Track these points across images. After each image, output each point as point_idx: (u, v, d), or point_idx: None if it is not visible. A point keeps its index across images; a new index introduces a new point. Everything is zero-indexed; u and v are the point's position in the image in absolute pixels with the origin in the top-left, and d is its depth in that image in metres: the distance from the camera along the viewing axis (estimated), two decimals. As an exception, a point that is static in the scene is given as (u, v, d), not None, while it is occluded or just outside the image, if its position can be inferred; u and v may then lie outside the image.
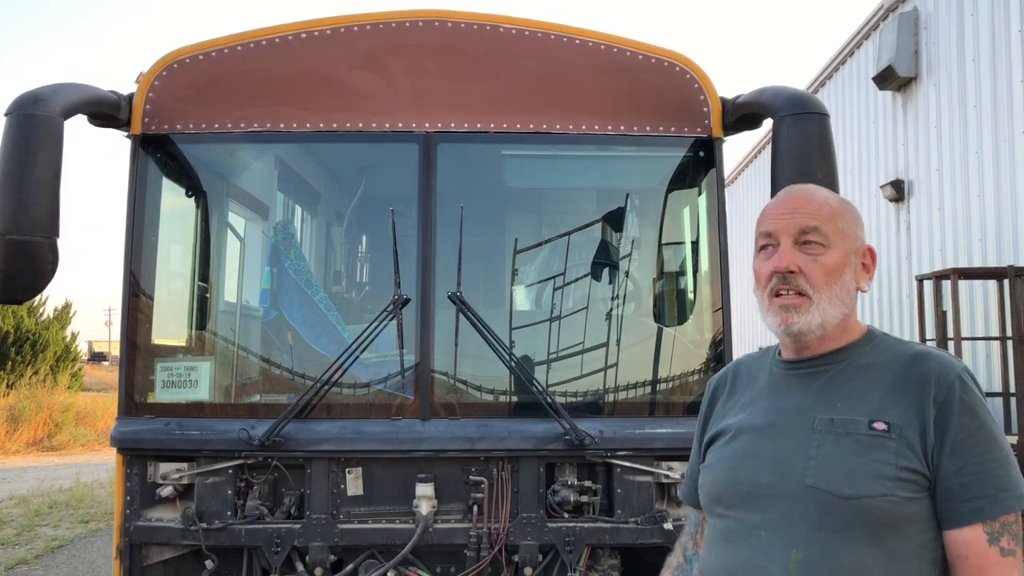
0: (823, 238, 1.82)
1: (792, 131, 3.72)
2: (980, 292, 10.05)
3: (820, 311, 1.79)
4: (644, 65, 4.27)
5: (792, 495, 1.73)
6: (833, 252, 1.82)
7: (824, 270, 1.80)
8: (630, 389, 4.29)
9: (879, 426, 1.71)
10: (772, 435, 1.83)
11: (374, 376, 4.25)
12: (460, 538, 3.92)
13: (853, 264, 1.85)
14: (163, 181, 4.32)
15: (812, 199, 1.87)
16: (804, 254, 1.82)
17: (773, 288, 1.84)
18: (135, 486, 3.98)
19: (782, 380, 1.91)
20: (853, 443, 1.71)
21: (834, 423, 1.75)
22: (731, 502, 1.85)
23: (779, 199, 1.92)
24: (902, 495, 1.66)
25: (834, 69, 14.31)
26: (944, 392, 1.70)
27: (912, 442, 1.68)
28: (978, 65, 10.15)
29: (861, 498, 1.66)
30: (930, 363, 1.75)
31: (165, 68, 4.20)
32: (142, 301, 4.16)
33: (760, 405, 1.92)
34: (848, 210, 1.89)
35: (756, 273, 1.90)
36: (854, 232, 1.87)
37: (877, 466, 1.68)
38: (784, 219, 1.85)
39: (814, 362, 1.86)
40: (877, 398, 1.75)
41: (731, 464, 1.88)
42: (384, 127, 4.17)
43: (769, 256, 1.87)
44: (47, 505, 10.84)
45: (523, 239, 4.81)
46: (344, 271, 5.97)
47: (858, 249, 1.87)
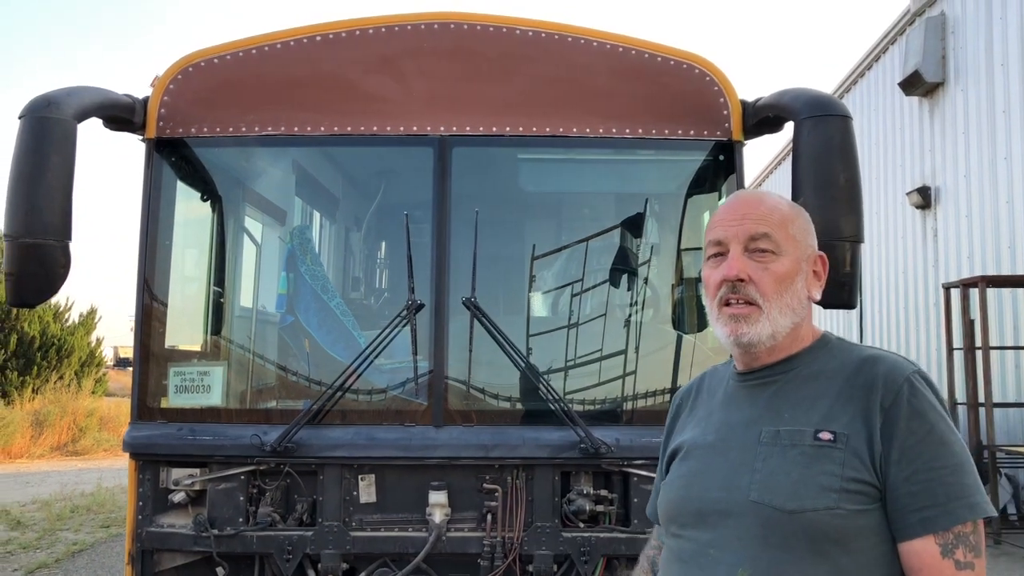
0: (774, 245, 1.76)
1: (813, 134, 3.63)
2: (1009, 300, 9.87)
3: (771, 321, 1.74)
4: (662, 67, 4.20)
5: (739, 511, 1.67)
6: (784, 259, 1.76)
7: (775, 278, 1.74)
8: (647, 397, 4.21)
9: (825, 436, 1.64)
10: (722, 451, 1.78)
11: (388, 382, 4.21)
12: (474, 547, 3.86)
13: (804, 272, 1.79)
14: (178, 185, 4.31)
15: (762, 204, 1.81)
16: (754, 262, 1.76)
17: (722, 297, 1.78)
18: (147, 491, 3.96)
19: (735, 393, 1.86)
20: (799, 455, 1.65)
21: (780, 435, 1.69)
22: (684, 521, 1.80)
23: (728, 204, 1.86)
24: (849, 507, 1.58)
25: (859, 75, 14.16)
26: (891, 396, 1.62)
27: (859, 451, 1.61)
28: (1007, 70, 9.98)
29: (805, 512, 1.59)
30: (878, 367, 1.68)
31: (180, 71, 4.19)
32: (156, 305, 4.15)
33: (713, 420, 1.87)
34: (799, 216, 1.83)
35: (705, 281, 1.84)
36: (805, 239, 1.81)
37: (823, 478, 1.60)
38: (733, 225, 1.79)
39: (763, 373, 1.81)
40: (825, 407, 1.69)
41: (683, 483, 1.83)
42: (399, 130, 4.13)
43: (718, 264, 1.80)
44: (69, 509, 10.89)
45: (539, 244, 4.76)
46: (359, 276, 5.95)
47: (809, 256, 1.82)
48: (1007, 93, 9.97)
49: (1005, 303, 9.91)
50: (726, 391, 1.89)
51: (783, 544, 1.60)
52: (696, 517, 1.76)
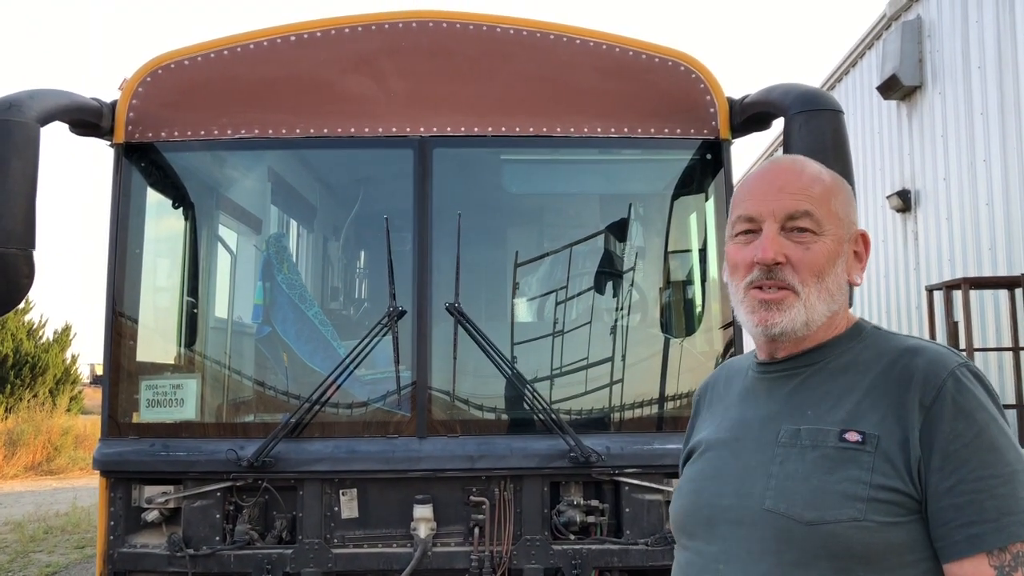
0: (814, 224, 1.53)
1: (804, 129, 3.55)
2: (991, 302, 9.88)
3: (807, 308, 1.52)
4: (647, 65, 4.11)
5: (751, 521, 1.47)
6: (826, 240, 1.53)
7: (815, 261, 1.52)
8: (637, 403, 4.10)
9: (851, 437, 1.42)
10: (736, 451, 1.57)
11: (369, 393, 4.07)
12: (461, 562, 3.73)
13: (845, 253, 1.57)
14: (148, 192, 4.17)
15: (803, 174, 1.57)
16: (792, 242, 1.53)
17: (753, 280, 1.55)
18: (119, 510, 3.81)
19: (753, 385, 1.65)
20: (820, 458, 1.44)
21: (800, 434, 1.48)
22: (692, 531, 1.60)
23: (762, 173, 1.61)
24: (878, 520, 1.36)
25: (837, 79, 14.21)
26: (933, 392, 1.40)
27: (892, 455, 1.39)
28: (984, 72, 10.02)
29: (826, 524, 1.38)
30: (918, 359, 1.45)
31: (149, 74, 4.05)
32: (126, 316, 4.00)
33: (729, 416, 1.66)
34: (842, 188, 1.60)
35: (731, 260, 1.60)
36: (848, 215, 1.58)
37: (847, 485, 1.39)
38: (769, 199, 1.55)
39: (787, 363, 1.59)
40: (853, 403, 1.47)
41: (692, 487, 1.63)
42: (377, 132, 4.01)
43: (749, 242, 1.56)
44: (43, 530, 10.63)
45: (523, 247, 4.65)
46: (338, 284, 5.81)
47: (852, 235, 1.59)
48: (984, 96, 9.99)
49: (987, 305, 9.91)
50: (744, 383, 1.68)
51: (800, 560, 1.40)
52: (705, 527, 1.56)
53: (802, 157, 1.65)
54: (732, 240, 1.61)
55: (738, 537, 1.48)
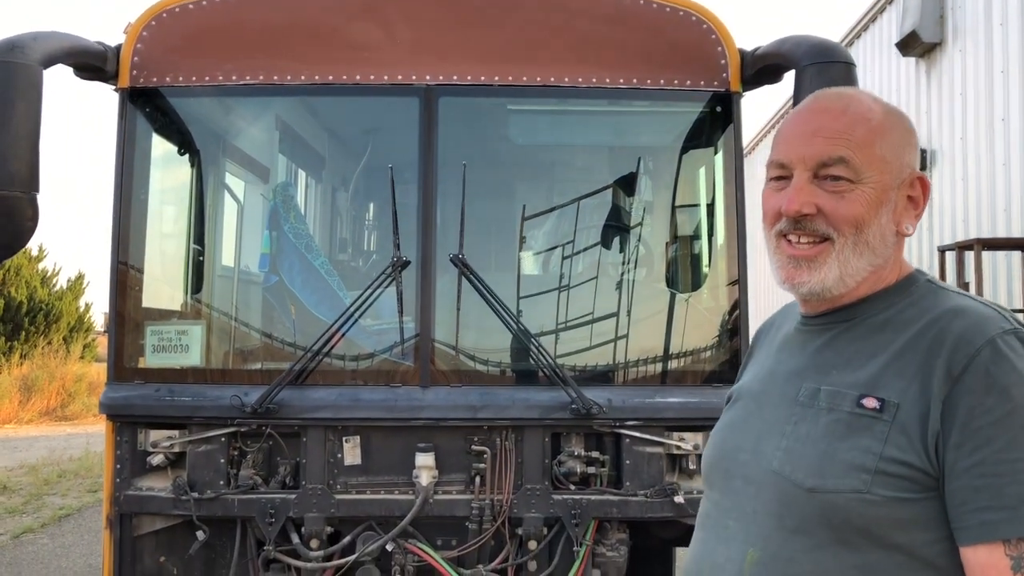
0: (851, 172, 1.37)
1: (816, 82, 3.48)
2: (1004, 263, 9.80)
3: (840, 262, 1.39)
4: (658, 14, 4.04)
5: (759, 480, 1.42)
6: (865, 188, 1.37)
7: (851, 210, 1.38)
8: (641, 358, 4.10)
9: (869, 403, 1.32)
10: (761, 404, 1.50)
11: (373, 343, 4.09)
12: (462, 510, 3.76)
13: (892, 200, 1.40)
14: (154, 138, 4.14)
15: (844, 114, 1.41)
16: (826, 191, 1.39)
17: (782, 230, 1.44)
18: (125, 454, 3.84)
19: (791, 336, 1.55)
20: (833, 422, 1.35)
21: (819, 395, 1.39)
22: (712, 481, 1.55)
23: (800, 112, 1.47)
24: (884, 493, 1.27)
25: (855, 36, 13.96)
26: (964, 361, 1.26)
27: (909, 426, 1.28)
28: (1006, 29, 9.81)
29: (825, 493, 1.31)
30: (958, 321, 1.31)
31: (154, 18, 4.00)
32: (132, 262, 4.00)
33: (765, 366, 1.58)
34: (894, 127, 1.42)
35: (763, 206, 1.49)
36: (899, 157, 1.41)
37: (855, 454, 1.30)
38: (801, 145, 1.41)
39: (826, 317, 1.48)
40: (878, 366, 1.35)
41: (720, 437, 1.58)
42: (383, 79, 3.96)
43: (780, 189, 1.44)
44: (56, 474, 10.81)
45: (529, 199, 4.62)
46: (344, 233, 5.80)
47: (904, 180, 1.42)
48: (1006, 53, 9.80)
49: (1000, 266, 9.83)
50: (786, 332, 1.58)
51: (800, 527, 1.34)
52: (724, 479, 1.51)
53: (851, 91, 1.50)
54: (766, 184, 1.50)
55: (748, 495, 1.44)
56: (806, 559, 1.33)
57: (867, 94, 1.47)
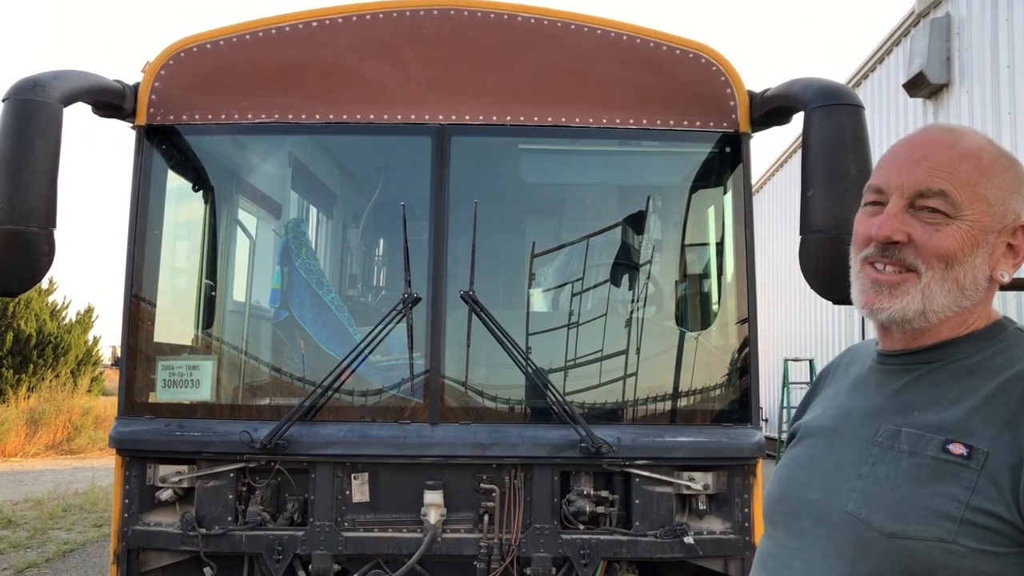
0: (950, 206, 1.33)
1: (824, 124, 3.52)
2: (1013, 304, 9.77)
3: (924, 297, 1.35)
4: (668, 57, 4.09)
5: (832, 521, 1.36)
6: (962, 225, 1.33)
7: (942, 244, 1.34)
8: (650, 395, 4.09)
9: (956, 449, 1.26)
10: (833, 443, 1.45)
11: (383, 379, 4.09)
12: (470, 549, 3.74)
13: (990, 244, 1.36)
14: (169, 174, 4.20)
15: (952, 148, 1.37)
16: (920, 222, 1.35)
17: (869, 256, 1.40)
18: (133, 489, 3.84)
19: (868, 375, 1.49)
20: (915, 466, 1.29)
21: (900, 436, 1.33)
22: (776, 520, 1.50)
23: (907, 140, 1.44)
24: (969, 545, 1.21)
25: (864, 76, 14.08)
26: None
27: (999, 477, 1.22)
28: (1012, 71, 9.88)
29: (907, 539, 1.25)
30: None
31: (172, 57, 4.07)
32: (145, 297, 4.03)
33: (836, 403, 1.53)
34: (1006, 170, 1.38)
35: (855, 230, 1.45)
36: (1004, 202, 1.36)
37: (940, 501, 1.24)
38: (903, 172, 1.37)
39: (908, 357, 1.42)
40: (966, 412, 1.30)
41: (785, 474, 1.53)
42: (396, 119, 4.02)
43: (874, 215, 1.40)
44: (61, 508, 10.78)
45: (540, 238, 4.65)
46: (355, 270, 5.83)
47: (1007, 226, 1.37)
48: (1012, 95, 9.86)
49: (1010, 307, 9.81)
50: (861, 371, 1.53)
51: (876, 572, 1.28)
52: (789, 518, 1.45)
53: (965, 128, 1.46)
54: (861, 209, 1.47)
55: (817, 536, 1.38)
56: None
57: (982, 134, 1.44)
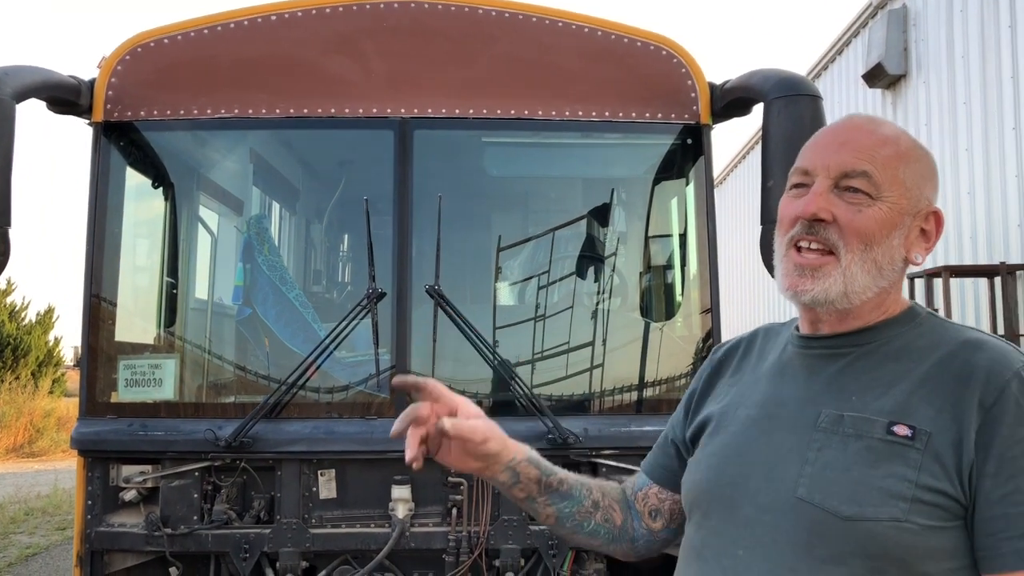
0: (872, 187, 1.39)
1: (783, 114, 3.56)
2: (971, 290, 9.96)
3: (846, 277, 1.40)
4: (630, 49, 4.11)
5: (780, 508, 1.37)
6: (882, 207, 1.40)
7: (864, 225, 1.39)
8: (616, 386, 4.12)
9: (900, 430, 1.32)
10: (767, 430, 1.46)
11: (349, 375, 4.08)
12: (439, 542, 3.74)
13: (906, 227, 1.42)
14: (127, 171, 4.14)
15: (874, 133, 1.44)
16: (844, 202, 1.40)
17: (794, 237, 1.44)
18: (96, 490, 3.79)
19: (792, 361, 1.52)
20: (863, 449, 1.33)
21: (843, 421, 1.37)
22: (709, 509, 1.49)
23: (832, 127, 1.50)
24: (921, 522, 1.27)
25: (823, 67, 14.24)
26: (995, 393, 1.28)
27: (943, 455, 1.29)
28: (967, 62, 10.06)
29: (864, 521, 1.29)
30: (980, 354, 1.34)
31: (128, 52, 4.01)
32: (105, 296, 3.98)
33: (760, 389, 1.54)
34: (920, 158, 1.46)
35: (780, 213, 1.50)
36: (919, 188, 1.44)
37: (891, 481, 1.29)
38: (828, 154, 1.43)
39: (833, 341, 1.47)
40: (903, 394, 1.35)
41: (715, 463, 1.52)
42: (358, 113, 4.00)
43: (799, 196, 1.45)
44: (23, 512, 10.59)
45: (504, 230, 4.65)
46: (319, 265, 5.80)
47: (921, 210, 1.44)
48: (968, 85, 10.04)
49: (967, 293, 9.99)
50: (781, 357, 1.55)
51: (832, 556, 1.30)
52: (726, 507, 1.46)
53: (883, 119, 1.53)
54: (786, 192, 1.51)
55: (764, 523, 1.39)
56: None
57: (899, 127, 1.51)
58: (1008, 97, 9.22)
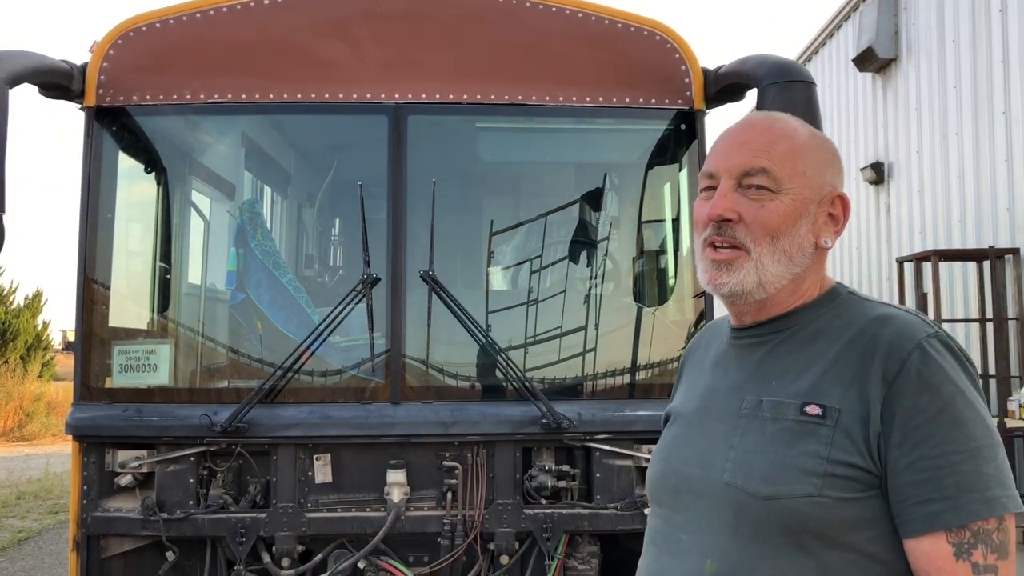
0: (771, 182, 1.47)
1: (777, 100, 3.57)
2: (960, 274, 10.03)
3: (758, 269, 1.47)
4: (623, 34, 4.11)
5: (711, 492, 1.46)
6: (784, 199, 1.47)
7: (768, 220, 1.47)
8: (609, 371, 4.15)
9: (812, 410, 1.39)
10: (703, 420, 1.56)
11: (343, 359, 4.09)
12: (434, 526, 3.77)
13: (812, 214, 1.49)
14: (120, 156, 4.12)
15: (769, 131, 1.52)
16: (748, 199, 1.48)
17: (707, 238, 1.52)
18: (92, 475, 3.80)
19: (725, 353, 1.62)
20: (779, 431, 1.41)
21: (762, 406, 1.45)
22: (660, 498, 1.59)
23: (730, 129, 1.57)
24: (833, 495, 1.34)
25: (814, 51, 14.25)
26: (897, 365, 1.35)
27: (852, 430, 1.36)
28: (958, 46, 10.08)
29: (780, 499, 1.36)
30: (886, 329, 1.40)
31: (120, 36, 3.99)
32: (98, 282, 3.97)
33: (702, 383, 1.64)
34: (818, 148, 1.53)
35: (695, 216, 1.58)
36: (820, 175, 1.51)
37: (804, 460, 1.36)
38: (729, 155, 1.51)
39: (756, 330, 1.55)
40: (816, 375, 1.43)
41: (664, 455, 1.63)
42: (352, 98, 3.99)
43: (709, 199, 1.53)
44: (15, 496, 10.58)
45: (498, 216, 4.66)
46: (312, 250, 5.79)
47: (825, 197, 1.51)
48: (958, 69, 10.07)
49: (956, 277, 10.06)
50: (719, 350, 1.65)
51: (756, 535, 1.39)
52: (672, 495, 1.55)
53: (779, 114, 1.60)
54: (698, 197, 1.59)
55: (699, 508, 1.48)
56: (766, 565, 1.38)
57: (796, 119, 1.58)
58: (998, 81, 9.25)
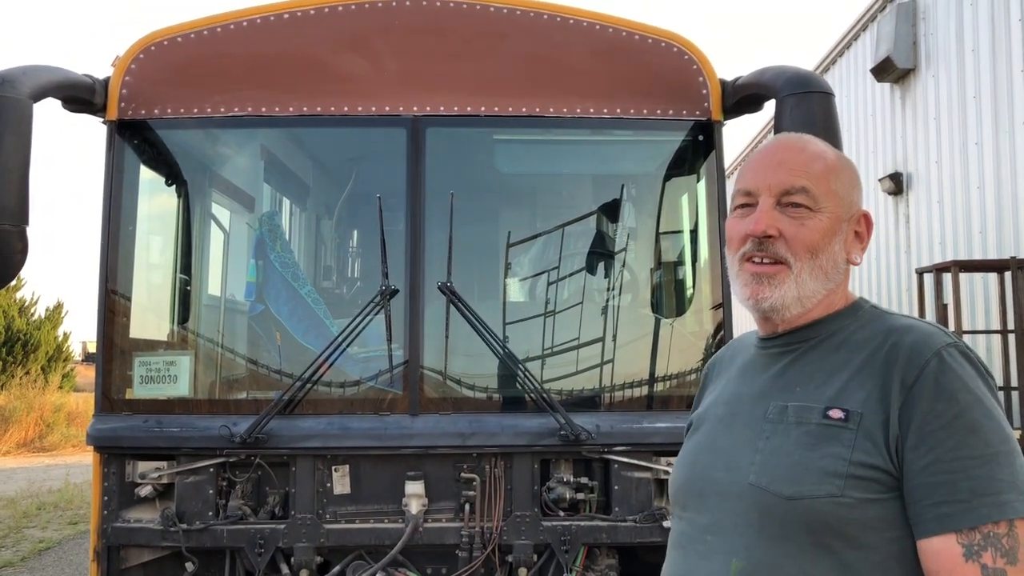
0: (811, 200, 1.54)
1: (795, 112, 3.57)
2: (980, 285, 9.93)
3: (799, 284, 1.54)
4: (641, 46, 4.12)
5: (737, 494, 1.51)
6: (822, 217, 1.54)
7: (808, 237, 1.53)
8: (627, 382, 4.14)
9: (835, 414, 1.45)
10: (729, 425, 1.62)
11: (362, 371, 4.10)
12: (451, 538, 3.76)
13: (844, 232, 1.57)
14: (141, 169, 4.17)
15: (804, 151, 1.59)
16: (787, 217, 1.54)
17: (746, 253, 1.57)
18: (112, 486, 3.83)
19: (753, 361, 1.68)
20: (804, 434, 1.47)
21: (787, 411, 1.52)
22: (686, 502, 1.64)
23: (764, 149, 1.63)
24: (856, 496, 1.39)
25: (831, 61, 14.20)
26: (916, 372, 1.41)
27: (873, 433, 1.42)
28: (978, 56, 10.02)
29: (803, 499, 1.41)
30: (905, 338, 1.47)
31: (142, 51, 4.04)
32: (120, 293, 4.01)
33: (728, 390, 1.70)
34: (845, 168, 1.61)
35: (728, 234, 1.63)
36: (849, 195, 1.59)
37: (827, 461, 1.42)
38: (768, 174, 1.57)
39: (783, 339, 1.62)
40: (841, 382, 1.49)
41: (688, 460, 1.68)
42: (370, 111, 4.02)
43: (745, 216, 1.58)
44: (35, 507, 10.66)
45: (516, 227, 4.67)
46: (331, 262, 5.82)
47: (853, 215, 1.59)
48: (977, 79, 10.00)
49: (977, 288, 9.96)
50: (746, 358, 1.71)
51: (780, 534, 1.44)
52: (697, 498, 1.60)
53: (808, 136, 1.66)
54: (731, 214, 1.64)
55: (725, 510, 1.52)
56: (790, 564, 1.43)
57: (820, 140, 1.65)
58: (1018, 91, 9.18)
